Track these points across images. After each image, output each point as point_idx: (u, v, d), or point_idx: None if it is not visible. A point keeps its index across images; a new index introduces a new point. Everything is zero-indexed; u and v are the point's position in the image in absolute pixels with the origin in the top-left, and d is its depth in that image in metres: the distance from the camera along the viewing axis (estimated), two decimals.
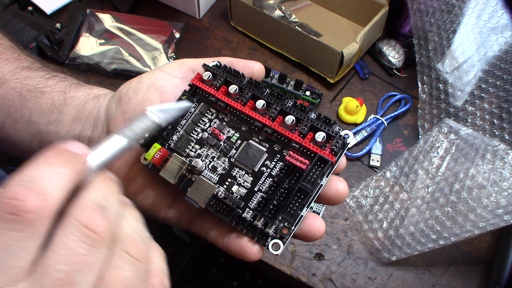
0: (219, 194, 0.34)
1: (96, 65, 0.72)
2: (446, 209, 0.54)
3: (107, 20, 0.77)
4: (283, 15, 0.80)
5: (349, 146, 0.34)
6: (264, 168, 0.35)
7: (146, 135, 0.31)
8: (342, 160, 0.34)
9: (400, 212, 0.59)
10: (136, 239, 0.25)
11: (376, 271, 0.58)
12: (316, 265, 0.59)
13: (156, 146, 0.35)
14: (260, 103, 0.35)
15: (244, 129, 0.36)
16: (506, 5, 0.57)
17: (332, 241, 0.60)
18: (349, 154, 0.67)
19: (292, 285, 0.61)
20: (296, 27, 0.73)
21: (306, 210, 0.32)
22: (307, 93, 0.70)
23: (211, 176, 0.35)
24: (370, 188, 0.63)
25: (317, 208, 0.62)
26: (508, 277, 0.54)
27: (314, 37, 0.69)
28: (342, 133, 0.33)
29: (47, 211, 0.21)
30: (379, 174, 0.64)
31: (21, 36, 0.73)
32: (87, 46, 0.74)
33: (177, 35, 0.77)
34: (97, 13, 0.77)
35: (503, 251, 0.57)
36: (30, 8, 0.77)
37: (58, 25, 0.75)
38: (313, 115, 0.34)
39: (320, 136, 0.33)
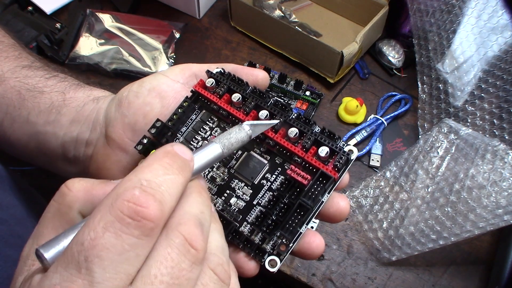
0: (216, 206, 0.33)
1: (96, 65, 0.72)
2: (446, 209, 0.54)
3: (107, 20, 0.77)
4: (283, 15, 0.80)
5: (353, 159, 0.33)
6: (264, 181, 0.34)
7: (238, 147, 0.31)
8: (345, 177, 0.33)
9: (400, 212, 0.59)
10: (222, 259, 0.25)
11: (376, 271, 0.58)
12: (316, 265, 0.59)
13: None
14: (263, 114, 0.34)
15: None
16: (506, 5, 0.57)
17: (332, 241, 0.60)
18: None
19: (292, 285, 0.61)
20: (296, 27, 0.73)
21: (306, 227, 0.31)
22: (307, 93, 0.70)
23: (209, 187, 0.34)
24: (370, 188, 0.63)
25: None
26: (508, 277, 0.54)
27: (314, 37, 0.69)
28: (346, 148, 0.32)
29: (163, 221, 0.22)
30: (379, 174, 0.64)
31: (21, 36, 0.73)
32: (87, 46, 0.74)
33: (177, 35, 0.77)
34: (97, 13, 0.77)
35: (503, 251, 0.57)
36: (30, 8, 0.77)
37: (58, 25, 0.75)
38: (317, 129, 0.33)
39: (323, 151, 0.32)
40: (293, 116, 0.34)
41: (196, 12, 0.81)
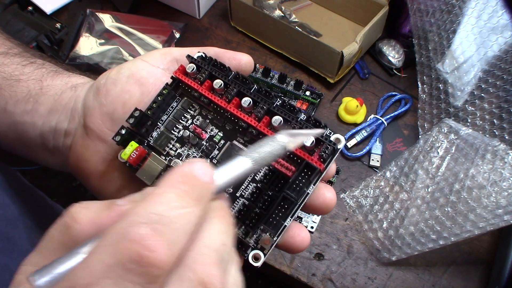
0: None
1: (96, 65, 0.72)
2: (446, 209, 0.54)
3: (107, 20, 0.77)
4: (283, 15, 0.80)
5: (339, 149, 0.31)
6: None
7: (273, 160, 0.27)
8: (331, 167, 0.31)
9: (400, 212, 0.59)
10: None
11: (376, 271, 0.58)
12: (316, 265, 0.59)
13: (133, 145, 0.32)
14: (246, 101, 0.32)
15: (228, 128, 0.34)
16: (506, 5, 0.57)
17: (332, 241, 0.60)
18: (349, 154, 0.67)
19: (292, 285, 0.61)
20: (296, 27, 0.73)
21: (290, 220, 0.30)
22: (307, 93, 0.70)
23: None
24: (370, 188, 0.63)
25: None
26: (508, 277, 0.54)
27: (314, 37, 0.69)
28: (333, 137, 0.31)
29: (171, 264, 0.18)
30: (379, 174, 0.64)
31: (21, 36, 0.73)
32: (87, 46, 0.74)
33: (177, 35, 0.77)
34: (97, 13, 0.77)
35: (503, 251, 0.57)
36: (30, 8, 0.77)
37: (58, 25, 0.75)
38: (302, 116, 0.31)
39: (308, 140, 0.30)
40: (278, 104, 0.32)
41: (196, 12, 0.81)
